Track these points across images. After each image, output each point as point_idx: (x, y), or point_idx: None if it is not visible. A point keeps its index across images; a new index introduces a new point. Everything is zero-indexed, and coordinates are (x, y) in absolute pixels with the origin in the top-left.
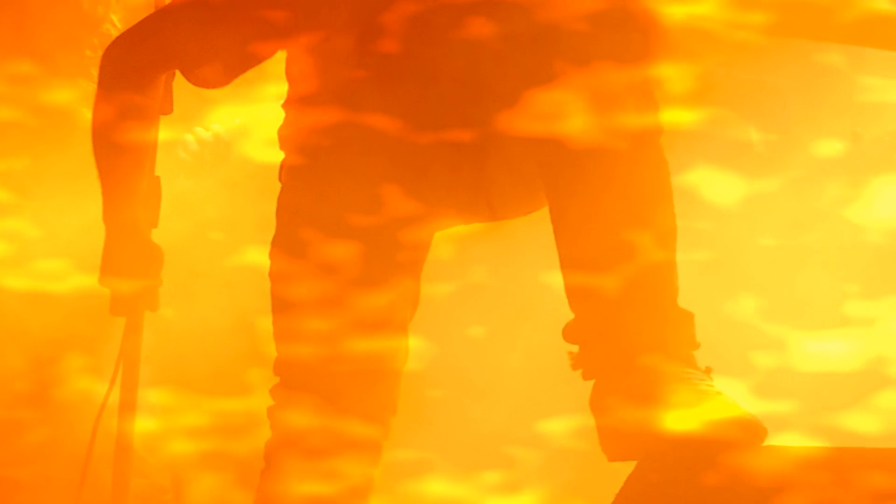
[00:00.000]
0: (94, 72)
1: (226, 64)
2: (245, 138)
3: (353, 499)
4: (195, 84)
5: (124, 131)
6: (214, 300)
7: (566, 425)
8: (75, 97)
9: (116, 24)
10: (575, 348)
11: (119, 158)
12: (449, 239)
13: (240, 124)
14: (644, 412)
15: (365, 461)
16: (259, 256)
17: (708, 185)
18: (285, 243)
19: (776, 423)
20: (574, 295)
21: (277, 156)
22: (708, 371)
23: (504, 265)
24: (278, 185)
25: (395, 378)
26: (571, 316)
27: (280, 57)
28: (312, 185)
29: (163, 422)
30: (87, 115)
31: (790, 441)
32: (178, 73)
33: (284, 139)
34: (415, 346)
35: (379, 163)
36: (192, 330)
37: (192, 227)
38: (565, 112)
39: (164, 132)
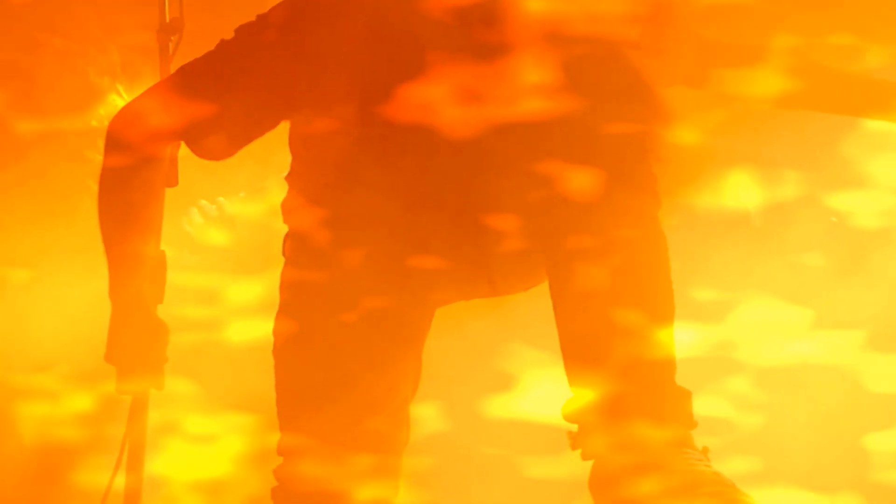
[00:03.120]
0: (100, 143)
1: (230, 135)
2: (249, 212)
3: None
4: (199, 156)
5: (130, 204)
6: (219, 376)
7: None
8: (82, 169)
9: (122, 93)
10: (574, 427)
11: (125, 232)
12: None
13: (244, 198)
14: (642, 493)
15: None
16: (263, 332)
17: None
18: (289, 319)
19: None
20: (573, 373)
21: (281, 229)
22: (705, 451)
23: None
24: (282, 260)
25: (397, 455)
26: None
27: (284, 128)
28: (315, 259)
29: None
30: (93, 187)
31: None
32: (182, 144)
33: (287, 212)
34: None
35: (380, 237)
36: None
37: (196, 302)
38: (566, 180)
39: (170, 205)
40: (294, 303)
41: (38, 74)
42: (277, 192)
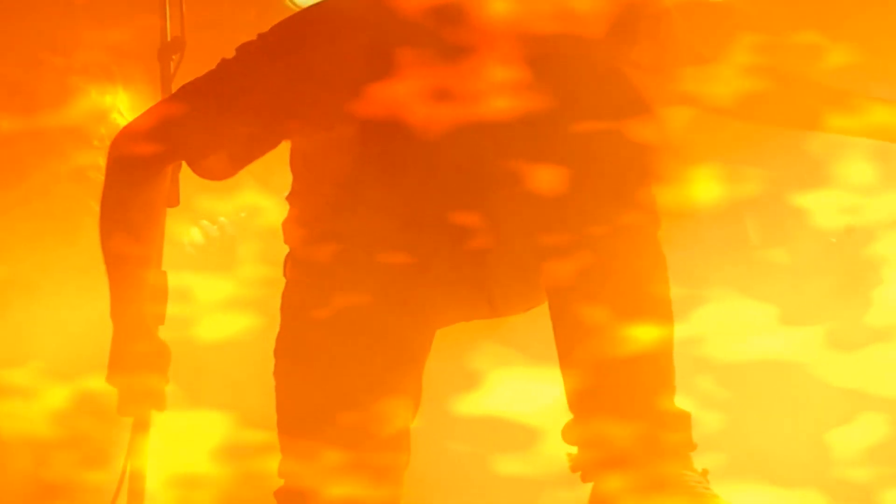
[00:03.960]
0: (102, 162)
1: (231, 155)
2: (250, 232)
3: None
4: (200, 175)
5: (131, 224)
6: (220, 399)
7: None
8: (83, 189)
9: (124, 112)
10: (574, 449)
11: (126, 252)
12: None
13: (245, 217)
14: None
15: None
16: (263, 353)
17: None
18: (290, 341)
19: None
20: (573, 396)
21: (282, 250)
22: (704, 473)
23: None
24: (283, 281)
25: (398, 476)
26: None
27: (285, 148)
28: (316, 280)
29: None
30: (94, 207)
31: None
32: (183, 164)
33: (288, 232)
34: None
35: (381, 257)
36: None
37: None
38: (565, 192)
39: (171, 225)
40: (295, 324)
41: (39, 93)
42: (279, 211)
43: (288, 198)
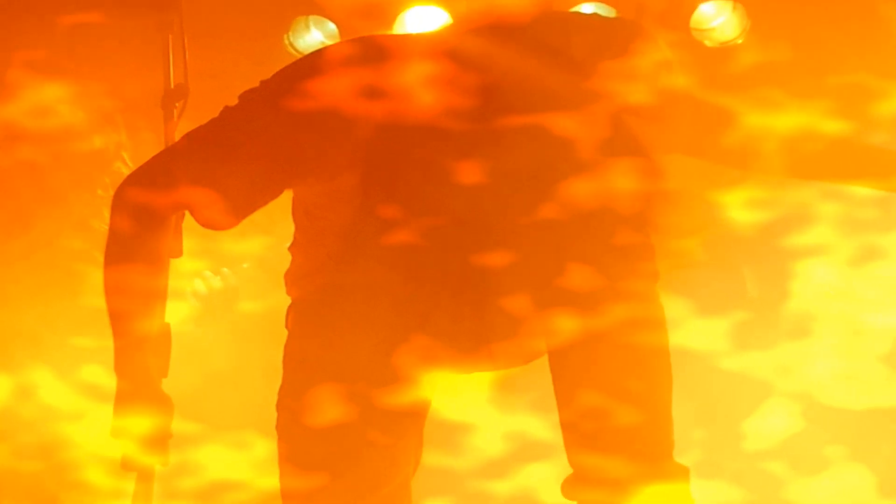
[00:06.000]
0: (106, 212)
1: (234, 204)
2: (253, 283)
3: None
4: (203, 225)
5: (135, 276)
6: (221, 456)
7: None
8: (87, 239)
9: (128, 161)
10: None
11: (130, 303)
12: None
13: (248, 269)
14: None
15: None
16: (266, 406)
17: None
18: (292, 393)
19: None
20: (573, 449)
21: (284, 301)
22: None
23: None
24: (285, 333)
25: None
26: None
27: (287, 198)
28: (318, 332)
29: None
30: (98, 258)
31: None
32: (186, 213)
33: (291, 283)
34: None
35: (382, 309)
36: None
37: (200, 378)
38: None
39: (174, 276)
40: (296, 376)
41: (43, 140)
42: (281, 262)
43: (290, 248)
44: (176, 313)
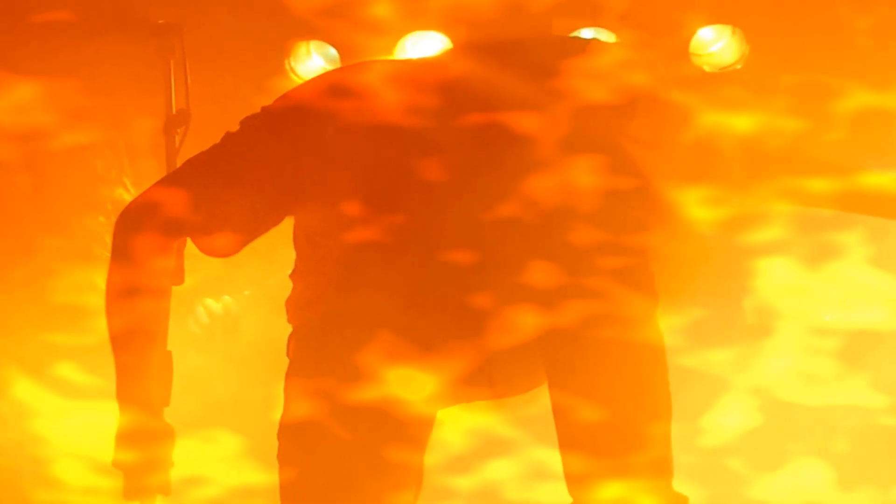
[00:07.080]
0: (108, 239)
1: (235, 231)
2: (254, 310)
3: None
4: (205, 252)
5: (137, 303)
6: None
7: None
8: (89, 266)
9: (129, 187)
10: None
11: (132, 332)
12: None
13: (249, 296)
14: None
15: None
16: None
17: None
18: (294, 421)
19: None
20: (572, 478)
21: (286, 329)
22: None
23: None
24: (286, 361)
25: None
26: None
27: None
28: (320, 361)
29: None
30: (100, 285)
31: None
32: (188, 241)
33: (292, 311)
34: None
35: (383, 336)
36: None
37: (202, 406)
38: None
39: (175, 303)
40: (299, 406)
41: (47, 166)
42: (282, 290)
43: (291, 276)
44: (178, 341)
